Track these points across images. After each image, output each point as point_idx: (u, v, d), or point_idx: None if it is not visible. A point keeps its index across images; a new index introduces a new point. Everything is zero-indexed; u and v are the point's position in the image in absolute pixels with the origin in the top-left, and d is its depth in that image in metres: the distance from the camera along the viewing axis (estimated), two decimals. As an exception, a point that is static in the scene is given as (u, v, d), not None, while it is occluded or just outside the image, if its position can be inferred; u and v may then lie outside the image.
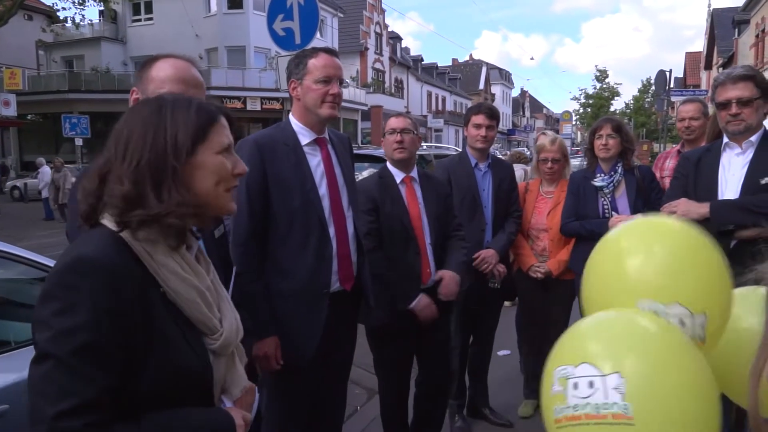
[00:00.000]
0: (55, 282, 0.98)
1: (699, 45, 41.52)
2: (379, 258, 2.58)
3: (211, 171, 1.10)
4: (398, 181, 2.76)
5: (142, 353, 1.00)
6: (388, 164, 2.82)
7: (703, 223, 2.24)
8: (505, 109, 61.62)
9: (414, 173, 2.81)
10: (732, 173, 2.35)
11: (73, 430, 0.91)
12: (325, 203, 2.15)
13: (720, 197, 2.33)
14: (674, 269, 1.31)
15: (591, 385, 1.06)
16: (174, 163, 1.05)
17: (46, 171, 15.21)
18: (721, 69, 27.90)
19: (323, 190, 2.16)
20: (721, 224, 2.21)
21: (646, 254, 1.36)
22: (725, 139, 2.43)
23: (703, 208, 2.28)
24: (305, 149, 2.17)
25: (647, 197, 3.08)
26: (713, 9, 32.52)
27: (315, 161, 2.18)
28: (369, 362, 2.96)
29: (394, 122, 2.78)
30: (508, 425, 3.42)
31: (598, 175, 3.13)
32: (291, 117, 2.24)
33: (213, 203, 1.12)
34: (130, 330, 0.98)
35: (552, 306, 3.43)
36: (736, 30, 27.03)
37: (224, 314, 1.17)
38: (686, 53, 43.03)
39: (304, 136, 2.19)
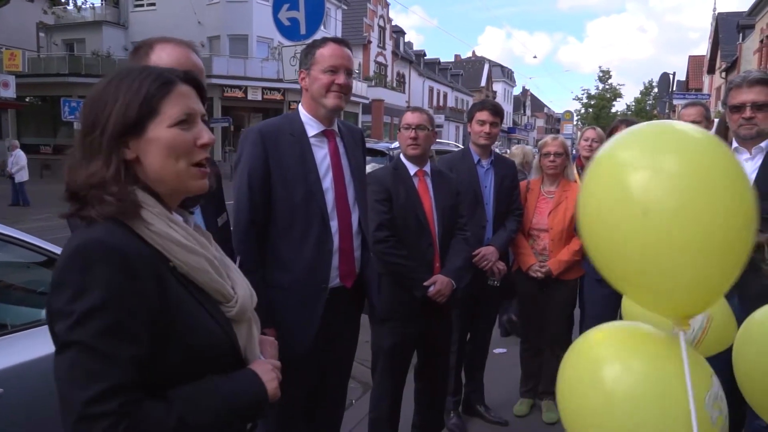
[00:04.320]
0: (65, 269, 0.95)
1: (703, 48, 41.51)
2: (393, 247, 2.61)
3: (163, 146, 1.04)
4: (412, 173, 2.77)
5: (164, 329, 0.98)
6: (402, 157, 2.83)
7: None
8: (506, 107, 61.52)
9: (427, 168, 2.82)
10: None
11: (108, 413, 0.89)
12: (329, 197, 2.12)
13: None
14: None
15: None
16: (100, 140, 1.02)
17: (20, 155, 14.62)
18: (723, 74, 27.91)
19: (327, 183, 2.13)
20: None
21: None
22: (734, 144, 2.41)
23: None
24: (312, 141, 2.15)
25: None
26: (718, 13, 32.46)
27: (321, 153, 2.15)
28: (364, 356, 2.96)
29: (409, 117, 2.77)
30: (503, 423, 3.43)
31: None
32: (300, 107, 2.21)
33: (172, 180, 1.06)
34: (149, 307, 0.96)
35: (551, 306, 3.42)
36: (741, 35, 26.97)
37: (235, 281, 1.16)
38: (689, 57, 42.95)
39: (312, 128, 2.16)
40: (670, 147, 1.25)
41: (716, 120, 4.14)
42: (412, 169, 2.78)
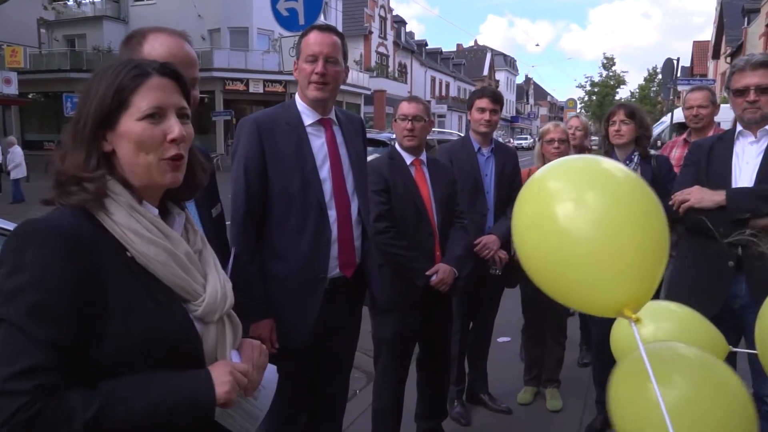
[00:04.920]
0: (6, 247, 0.97)
1: (708, 33, 41.11)
2: (393, 237, 2.60)
3: (132, 140, 1.04)
4: (408, 163, 2.75)
5: (99, 318, 0.97)
6: (397, 146, 2.81)
7: (717, 211, 2.21)
8: (509, 96, 61.27)
9: (423, 157, 2.80)
10: (746, 161, 2.31)
11: (22, 392, 0.89)
12: (327, 186, 2.10)
13: (734, 186, 2.29)
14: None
15: None
16: (82, 131, 1.04)
17: (16, 151, 14.49)
18: (729, 59, 27.63)
19: (325, 172, 2.11)
20: (737, 212, 2.17)
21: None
22: (738, 128, 2.38)
23: (718, 196, 2.23)
24: (308, 129, 2.12)
25: (664, 188, 3.03)
26: (723, -3, 32.10)
27: (318, 142, 2.13)
28: (368, 346, 2.95)
29: (406, 108, 2.73)
30: (506, 412, 3.43)
31: (614, 164, 3.10)
32: (296, 96, 2.19)
33: (142, 174, 1.06)
34: (82, 292, 0.96)
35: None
36: (746, 19, 26.69)
37: (209, 281, 1.13)
38: (694, 42, 42.52)
39: (308, 116, 2.13)
40: (594, 182, 1.35)
41: (722, 105, 4.08)
42: (408, 158, 2.76)
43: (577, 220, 1.29)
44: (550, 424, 3.33)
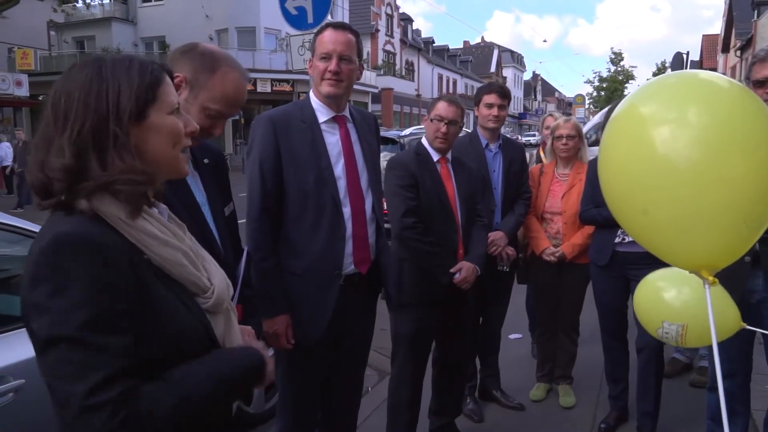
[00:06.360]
0: (42, 263, 0.94)
1: (718, 27, 40.68)
2: (420, 233, 2.61)
3: (166, 133, 1.06)
4: (435, 160, 2.77)
5: (142, 320, 0.98)
6: (425, 142, 2.81)
7: None
8: (516, 93, 61.00)
9: (448, 155, 2.81)
10: None
11: (109, 401, 0.89)
12: (341, 183, 2.11)
13: None
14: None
15: None
16: (116, 129, 0.99)
17: (4, 146, 13.45)
18: (738, 52, 27.33)
19: (339, 169, 2.12)
20: None
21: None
22: None
23: None
24: (323, 127, 2.13)
25: None
26: (732, -10, 31.72)
27: (333, 139, 2.14)
28: (380, 343, 2.96)
29: (444, 110, 2.71)
30: (519, 408, 3.42)
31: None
32: (311, 94, 2.20)
33: (167, 166, 1.09)
34: (128, 299, 0.96)
35: (565, 289, 3.40)
36: (756, 12, 26.34)
37: (210, 272, 1.15)
38: (703, 35, 42.04)
39: (322, 114, 2.14)
40: (694, 98, 1.18)
41: None
42: (435, 155, 2.77)
43: (678, 149, 1.12)
44: (563, 421, 3.32)
